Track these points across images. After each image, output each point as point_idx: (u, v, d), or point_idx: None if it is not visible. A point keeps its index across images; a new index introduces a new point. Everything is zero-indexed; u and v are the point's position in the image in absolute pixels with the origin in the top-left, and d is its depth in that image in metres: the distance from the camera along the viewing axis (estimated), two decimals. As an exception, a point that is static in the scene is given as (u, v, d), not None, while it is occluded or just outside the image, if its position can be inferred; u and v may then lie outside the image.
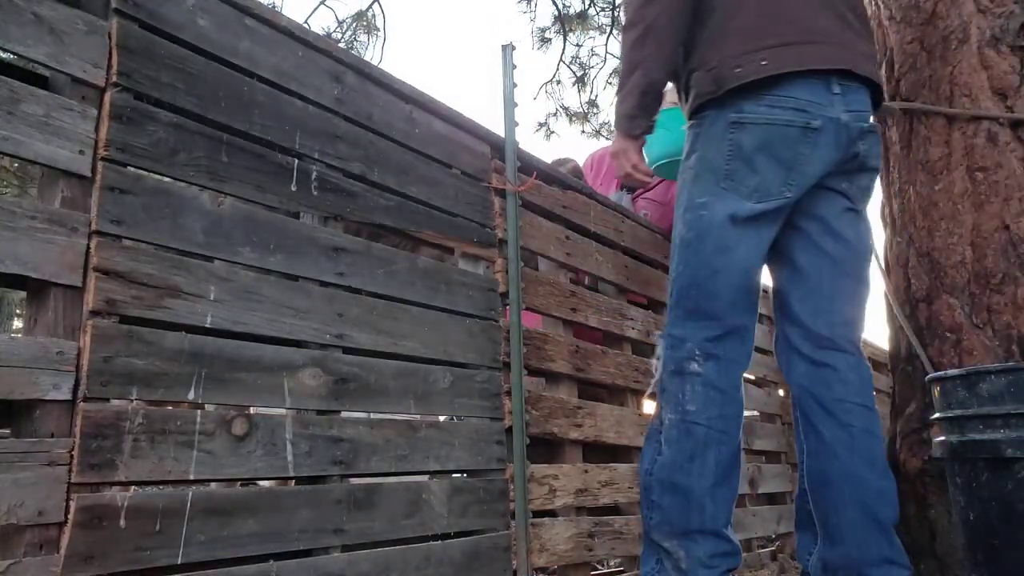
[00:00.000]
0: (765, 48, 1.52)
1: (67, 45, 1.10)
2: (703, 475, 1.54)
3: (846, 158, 1.61)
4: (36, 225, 1.03)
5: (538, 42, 7.46)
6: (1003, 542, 1.39)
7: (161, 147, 1.19)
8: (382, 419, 1.46)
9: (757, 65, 1.51)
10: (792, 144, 1.53)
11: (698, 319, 1.60)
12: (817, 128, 1.53)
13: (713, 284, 1.57)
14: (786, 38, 1.53)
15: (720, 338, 1.59)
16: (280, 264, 1.33)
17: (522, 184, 1.93)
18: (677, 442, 1.57)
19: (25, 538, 0.96)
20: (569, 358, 2.00)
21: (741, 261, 1.57)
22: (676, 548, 1.54)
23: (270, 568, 1.20)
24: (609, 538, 1.98)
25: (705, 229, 1.57)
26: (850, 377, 1.60)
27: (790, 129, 1.52)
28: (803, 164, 1.55)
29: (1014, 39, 2.00)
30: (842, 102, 1.56)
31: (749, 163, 1.54)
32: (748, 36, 1.54)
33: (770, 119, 1.52)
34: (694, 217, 1.59)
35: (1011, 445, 1.37)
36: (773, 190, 1.55)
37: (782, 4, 1.56)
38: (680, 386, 1.58)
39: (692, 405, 1.56)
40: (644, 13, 1.60)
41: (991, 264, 1.94)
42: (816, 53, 1.53)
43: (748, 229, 1.56)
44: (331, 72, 1.52)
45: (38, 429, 1.00)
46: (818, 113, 1.53)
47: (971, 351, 1.93)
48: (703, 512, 1.53)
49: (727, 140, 1.55)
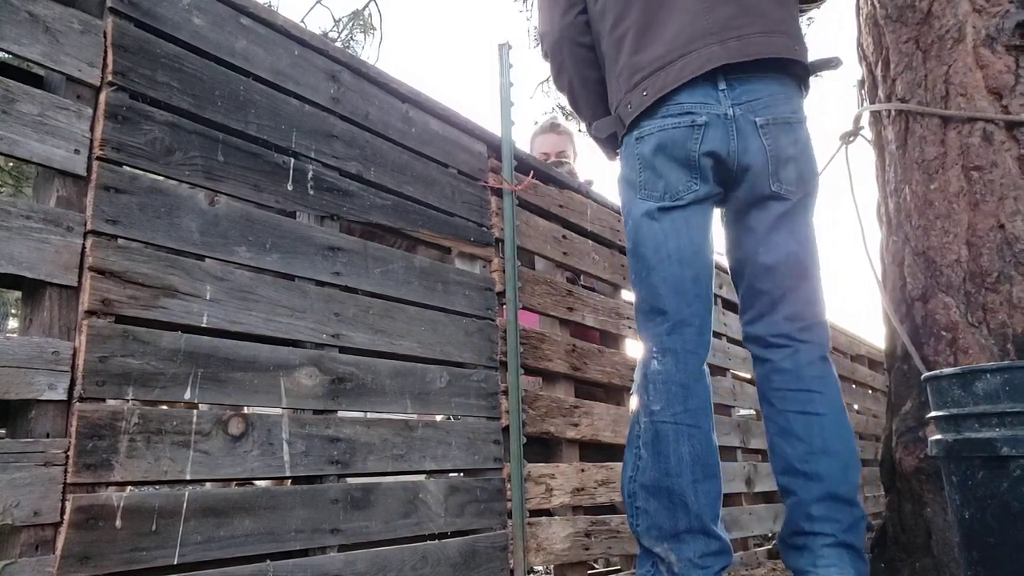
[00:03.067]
0: (645, 79, 1.64)
1: (62, 44, 1.10)
2: (681, 472, 1.55)
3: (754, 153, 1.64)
4: (31, 225, 1.02)
5: (534, 41, 7.45)
6: (998, 540, 1.40)
7: (157, 146, 1.19)
8: (379, 419, 1.46)
9: (641, 97, 1.65)
10: (682, 143, 1.62)
11: (652, 317, 1.65)
12: (702, 124, 1.61)
13: (655, 280, 1.64)
14: (663, 60, 1.63)
15: (672, 331, 1.62)
16: (276, 263, 1.33)
17: (519, 183, 1.93)
18: (652, 445, 1.58)
19: (21, 538, 0.96)
20: (566, 357, 2.00)
21: (673, 253, 1.63)
22: (667, 552, 1.54)
23: (267, 568, 1.20)
24: (606, 537, 1.98)
25: (635, 234, 1.67)
26: (785, 366, 1.69)
27: (678, 131, 1.62)
28: (699, 158, 1.62)
29: (1009, 38, 2.00)
30: (729, 96, 1.62)
31: (654, 170, 1.65)
32: (630, 75, 1.68)
33: (662, 126, 1.63)
34: (630, 228, 1.69)
35: (1007, 443, 1.38)
36: (681, 187, 1.63)
37: (658, 25, 1.65)
38: (645, 387, 1.61)
39: (657, 404, 1.59)
40: (559, 82, 1.83)
41: (986, 263, 1.94)
42: (693, 62, 1.61)
43: (671, 223, 1.65)
44: (327, 71, 1.52)
45: (34, 429, 1.00)
46: (703, 111, 1.61)
47: (967, 350, 1.94)
48: (688, 510, 1.54)
49: (634, 155, 1.67)
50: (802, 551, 1.61)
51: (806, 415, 1.65)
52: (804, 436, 1.64)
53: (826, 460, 1.62)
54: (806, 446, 1.63)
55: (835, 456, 1.62)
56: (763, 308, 1.73)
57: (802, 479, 1.62)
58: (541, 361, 1.91)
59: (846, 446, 1.64)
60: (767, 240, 1.70)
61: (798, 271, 1.72)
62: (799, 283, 1.71)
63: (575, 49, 1.77)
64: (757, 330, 1.74)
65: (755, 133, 1.63)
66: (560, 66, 1.80)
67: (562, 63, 1.79)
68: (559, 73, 1.82)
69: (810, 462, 1.62)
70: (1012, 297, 1.88)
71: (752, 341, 1.75)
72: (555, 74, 1.83)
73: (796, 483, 1.63)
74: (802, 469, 1.62)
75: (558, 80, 1.84)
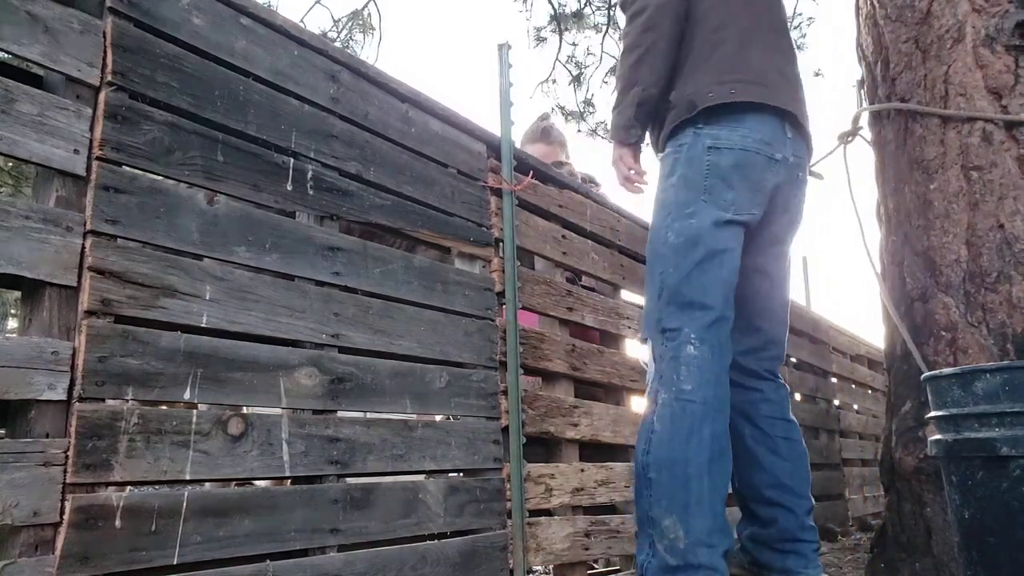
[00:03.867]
0: (733, 81, 1.78)
1: (62, 44, 1.09)
2: (700, 449, 1.60)
3: (784, 197, 1.86)
4: (31, 225, 1.02)
5: (534, 41, 7.46)
6: (998, 540, 1.40)
7: (156, 146, 1.19)
8: (378, 419, 1.46)
9: (727, 92, 1.76)
10: (760, 170, 1.78)
11: (693, 310, 1.71)
12: (778, 160, 1.80)
13: (705, 279, 1.73)
14: (750, 76, 1.80)
15: (713, 324, 1.71)
16: (276, 263, 1.33)
17: (518, 183, 1.93)
18: (671, 420, 1.63)
19: (20, 538, 0.96)
20: (565, 357, 2.00)
21: (729, 261, 1.76)
22: (675, 525, 1.56)
23: (266, 568, 1.20)
24: (606, 537, 1.98)
25: (695, 234, 1.74)
26: (773, 398, 1.94)
27: (758, 157, 1.77)
28: (766, 188, 1.80)
29: (1009, 38, 2.00)
30: (791, 146, 1.83)
31: (725, 180, 1.76)
32: (719, 71, 1.80)
33: (743, 146, 1.76)
34: (683, 225, 1.75)
35: (1006, 443, 1.38)
36: (745, 205, 1.77)
37: (745, 53, 1.83)
38: (675, 368, 1.67)
39: (688, 384, 1.65)
40: (644, 38, 1.83)
41: (986, 263, 1.94)
42: (774, 95, 1.80)
43: (730, 233, 1.77)
44: (327, 71, 1.52)
45: (33, 429, 0.99)
46: (779, 151, 1.81)
47: (966, 350, 1.94)
48: (702, 484, 1.58)
49: (705, 161, 1.77)
50: (789, 555, 1.84)
51: (789, 441, 1.92)
52: (789, 458, 1.89)
53: (805, 479, 1.91)
54: (791, 467, 1.89)
55: (808, 477, 1.92)
56: (756, 344, 1.94)
57: (791, 495, 1.86)
58: (541, 361, 1.91)
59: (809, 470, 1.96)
60: (773, 283, 1.93)
61: (785, 318, 1.98)
62: (784, 329, 1.98)
63: (674, 23, 1.82)
64: (750, 363, 1.93)
65: (798, 185, 1.88)
66: (652, 24, 1.82)
67: (657, 24, 1.82)
68: (647, 30, 1.82)
69: (795, 480, 1.88)
70: (1012, 297, 1.88)
71: (741, 370, 1.91)
72: (640, 30, 1.83)
73: (786, 497, 1.86)
74: (790, 485, 1.87)
75: (641, 36, 1.83)
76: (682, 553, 1.52)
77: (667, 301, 1.73)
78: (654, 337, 1.75)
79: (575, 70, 7.74)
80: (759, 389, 1.93)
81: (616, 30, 7.45)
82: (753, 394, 1.93)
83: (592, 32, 7.59)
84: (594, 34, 7.59)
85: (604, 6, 7.27)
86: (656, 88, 1.83)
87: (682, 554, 1.52)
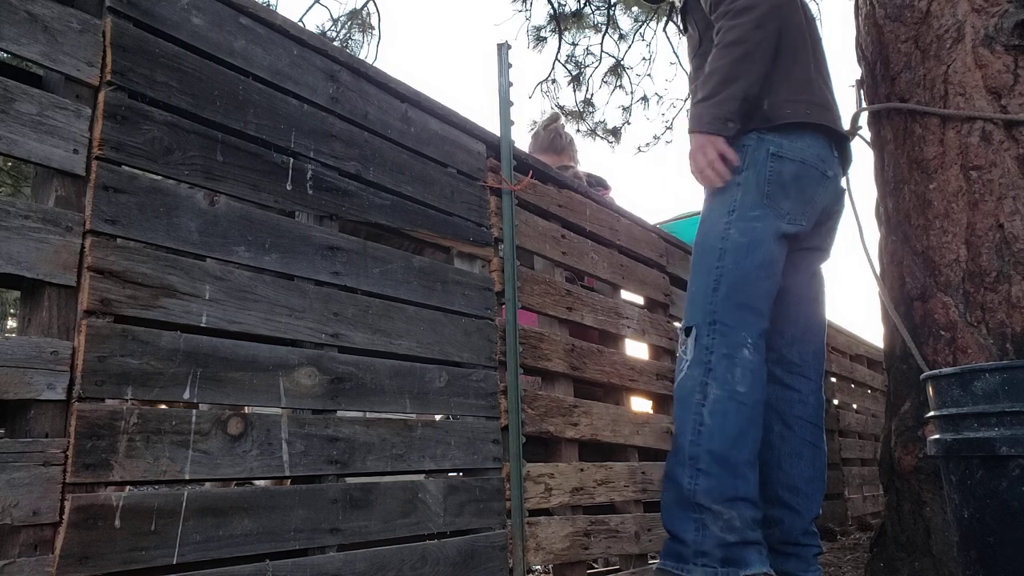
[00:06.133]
0: (807, 102, 1.87)
1: (61, 44, 1.09)
2: (747, 449, 1.72)
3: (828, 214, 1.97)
4: (30, 224, 1.02)
5: (534, 41, 7.45)
6: (997, 540, 1.40)
7: (156, 146, 1.18)
8: (378, 418, 1.46)
9: (803, 111, 1.86)
10: (814, 184, 1.86)
11: (750, 313, 1.78)
12: (830, 178, 1.90)
13: (763, 287, 1.81)
14: (817, 99, 1.90)
15: (763, 333, 1.80)
16: (275, 263, 1.33)
17: (518, 183, 1.93)
18: (725, 416, 1.72)
19: (20, 538, 0.96)
20: (565, 357, 2.00)
21: (778, 272, 1.84)
22: (727, 509, 1.68)
23: (266, 568, 1.20)
24: (605, 537, 1.98)
25: (759, 238, 1.81)
26: (810, 400, 1.98)
27: (814, 171, 1.86)
28: (817, 203, 1.88)
29: (1008, 38, 2.00)
30: (837, 164, 1.94)
31: (784, 189, 1.83)
32: (795, 90, 1.89)
33: (803, 159, 1.84)
34: (748, 226, 1.82)
35: (1006, 443, 1.38)
36: (798, 216, 1.85)
37: (815, 77, 1.94)
38: (730, 368, 1.75)
39: (742, 387, 1.73)
40: (755, 35, 1.85)
41: (985, 262, 1.95)
42: (833, 118, 1.92)
43: (782, 247, 1.86)
44: (326, 71, 1.52)
45: (32, 429, 0.99)
46: (831, 168, 1.90)
47: (965, 349, 1.94)
48: (748, 482, 1.70)
49: (768, 166, 1.84)
50: (791, 557, 1.89)
51: (814, 447, 1.95)
52: (810, 464, 1.92)
53: (821, 488, 1.94)
54: (810, 473, 1.92)
55: (823, 488, 1.96)
56: (796, 333, 1.99)
57: (803, 499, 1.90)
58: (540, 361, 1.91)
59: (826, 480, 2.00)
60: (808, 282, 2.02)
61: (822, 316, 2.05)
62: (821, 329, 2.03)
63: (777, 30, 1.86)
64: (791, 355, 1.97)
65: (839, 199, 2.00)
66: (763, 23, 1.83)
67: (767, 24, 1.84)
68: (758, 27, 1.83)
69: (812, 487, 1.92)
70: (1011, 296, 1.88)
71: (781, 364, 1.97)
72: (752, 26, 1.83)
73: (797, 501, 1.90)
74: (805, 490, 1.91)
75: (752, 32, 1.84)
76: (740, 531, 1.67)
77: (724, 296, 1.78)
78: (702, 327, 1.80)
79: (575, 70, 7.73)
80: (798, 389, 1.98)
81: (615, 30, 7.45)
82: (790, 392, 1.97)
83: (591, 32, 7.58)
84: (593, 34, 7.59)
85: (604, 6, 7.27)
86: (758, 87, 1.85)
87: (740, 532, 1.67)
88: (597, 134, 8.00)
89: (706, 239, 1.87)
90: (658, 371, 2.43)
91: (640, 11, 7.23)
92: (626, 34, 7.54)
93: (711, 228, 1.86)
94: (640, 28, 7.46)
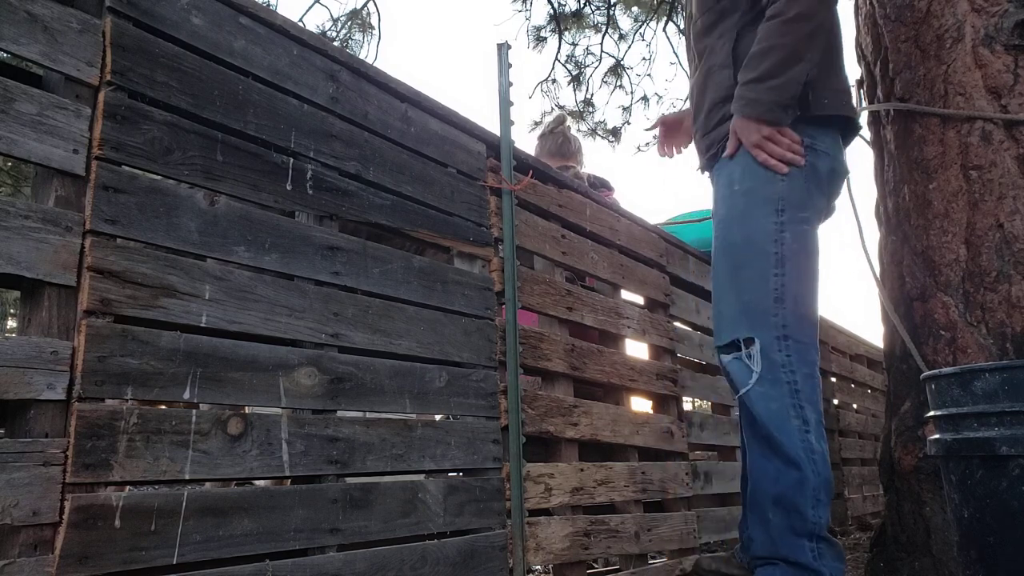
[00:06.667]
0: (844, 91, 1.75)
1: (61, 44, 1.09)
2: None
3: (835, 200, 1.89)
4: (30, 224, 1.02)
5: (534, 41, 7.46)
6: (997, 540, 1.40)
7: (155, 146, 1.18)
8: (378, 418, 1.46)
9: (842, 104, 1.73)
10: (839, 181, 1.78)
11: (814, 329, 1.70)
12: (844, 173, 1.80)
13: (818, 298, 1.73)
14: (847, 89, 1.78)
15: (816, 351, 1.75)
16: (275, 263, 1.33)
17: (518, 183, 1.93)
18: (823, 442, 1.69)
19: (20, 538, 0.95)
20: (565, 357, 2.00)
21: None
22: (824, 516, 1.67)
23: (266, 568, 1.20)
24: (605, 537, 1.98)
25: (813, 244, 1.71)
26: None
27: (842, 168, 1.77)
28: (833, 199, 1.80)
29: (1008, 38, 2.00)
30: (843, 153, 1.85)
31: (820, 186, 1.74)
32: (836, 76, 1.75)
33: (834, 154, 1.74)
34: (800, 229, 1.69)
35: (1005, 443, 1.38)
36: (823, 215, 1.77)
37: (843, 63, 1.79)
38: (814, 389, 1.69)
39: (819, 411, 1.70)
40: (820, 11, 1.62)
41: (985, 262, 1.95)
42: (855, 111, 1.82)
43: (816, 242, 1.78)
44: (326, 71, 1.52)
45: (32, 429, 0.99)
46: (844, 159, 1.80)
47: (965, 349, 1.94)
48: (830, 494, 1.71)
49: (807, 161, 1.71)
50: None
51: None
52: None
53: None
54: None
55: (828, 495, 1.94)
56: None
57: None
58: (540, 360, 1.91)
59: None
60: None
61: None
62: None
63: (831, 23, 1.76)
64: None
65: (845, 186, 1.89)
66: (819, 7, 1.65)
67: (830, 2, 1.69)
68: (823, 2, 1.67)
69: None
70: (1011, 296, 1.88)
71: None
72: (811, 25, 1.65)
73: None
74: None
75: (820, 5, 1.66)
76: (823, 527, 1.67)
77: (792, 309, 1.66)
78: (769, 341, 1.66)
79: (574, 70, 7.74)
80: None
81: (615, 30, 7.45)
82: None
83: (591, 32, 7.59)
84: (593, 34, 7.59)
85: (604, 6, 7.27)
86: (816, 70, 1.68)
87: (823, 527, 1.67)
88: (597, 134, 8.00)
89: (752, 239, 1.68)
90: (658, 371, 2.43)
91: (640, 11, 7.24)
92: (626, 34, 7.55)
93: (757, 228, 1.67)
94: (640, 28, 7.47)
